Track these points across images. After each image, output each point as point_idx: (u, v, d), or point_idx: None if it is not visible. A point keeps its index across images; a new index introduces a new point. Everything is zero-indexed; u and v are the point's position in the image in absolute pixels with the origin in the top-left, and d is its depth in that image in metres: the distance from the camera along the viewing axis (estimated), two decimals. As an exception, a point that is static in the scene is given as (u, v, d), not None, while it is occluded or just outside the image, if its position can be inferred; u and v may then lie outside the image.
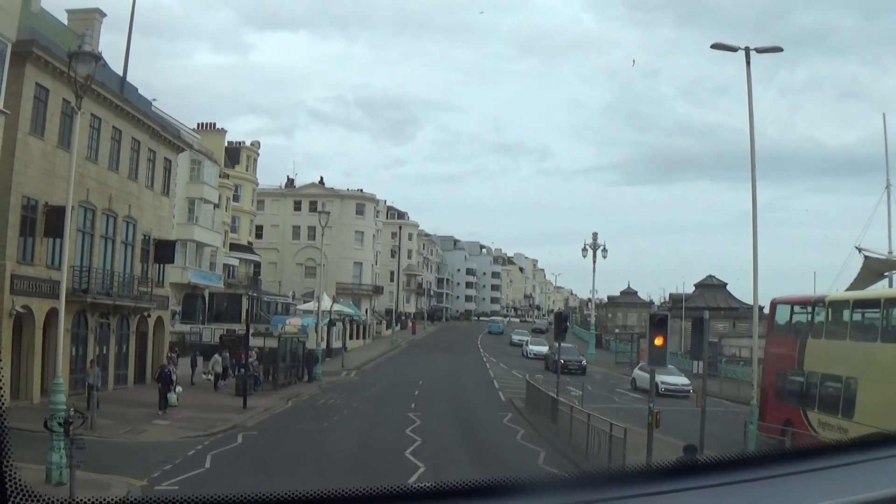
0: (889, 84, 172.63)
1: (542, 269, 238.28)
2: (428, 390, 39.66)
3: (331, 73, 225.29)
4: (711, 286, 70.92)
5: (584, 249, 66.96)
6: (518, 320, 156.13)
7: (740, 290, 76.40)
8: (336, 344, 60.61)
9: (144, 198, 39.18)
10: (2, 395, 2.16)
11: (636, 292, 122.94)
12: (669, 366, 35.46)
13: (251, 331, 39.40)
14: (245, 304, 67.16)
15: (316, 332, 48.86)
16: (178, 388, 32.16)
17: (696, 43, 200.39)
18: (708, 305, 69.04)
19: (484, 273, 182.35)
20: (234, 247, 73.19)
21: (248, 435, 25.94)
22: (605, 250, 66.96)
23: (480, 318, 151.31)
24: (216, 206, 65.19)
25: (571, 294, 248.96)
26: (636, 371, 44.68)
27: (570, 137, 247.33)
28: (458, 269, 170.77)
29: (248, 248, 77.53)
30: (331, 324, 57.76)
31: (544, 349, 61.53)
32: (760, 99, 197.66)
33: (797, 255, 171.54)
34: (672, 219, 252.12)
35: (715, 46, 26.67)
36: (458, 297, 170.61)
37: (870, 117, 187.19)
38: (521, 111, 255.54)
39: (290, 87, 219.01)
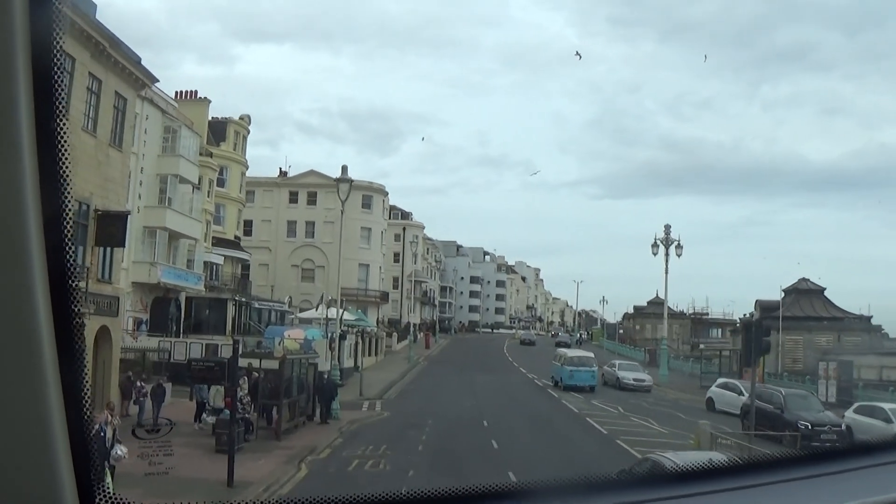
0: (872, 100, 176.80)
1: (542, 280, 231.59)
2: (505, 437, 26.21)
3: (316, 85, 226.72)
4: (807, 291, 57.43)
5: (655, 245, 53.91)
6: (518, 333, 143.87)
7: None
8: (346, 363, 47.00)
9: (81, 146, 25.66)
10: (88, 408, 2.02)
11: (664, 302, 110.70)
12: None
13: (240, 348, 26.12)
14: (231, 311, 53.93)
15: (330, 348, 35.51)
16: (119, 451, 18.55)
17: (678, 58, 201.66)
18: (806, 315, 56.20)
19: (488, 282, 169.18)
20: (218, 241, 59.68)
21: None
22: (679, 246, 53.91)
23: (494, 331, 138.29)
24: (196, 187, 51.80)
25: (567, 306, 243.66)
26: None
27: (555, 151, 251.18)
28: (462, 277, 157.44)
29: (235, 244, 63.93)
30: (341, 337, 44.21)
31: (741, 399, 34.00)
32: (743, 114, 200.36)
33: (781, 267, 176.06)
34: (656, 232, 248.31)
35: None
36: (461, 306, 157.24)
37: (854, 133, 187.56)
38: (505, 125, 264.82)
39: (275, 98, 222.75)
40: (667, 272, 53.71)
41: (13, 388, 1.87)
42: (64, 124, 1.91)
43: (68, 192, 1.94)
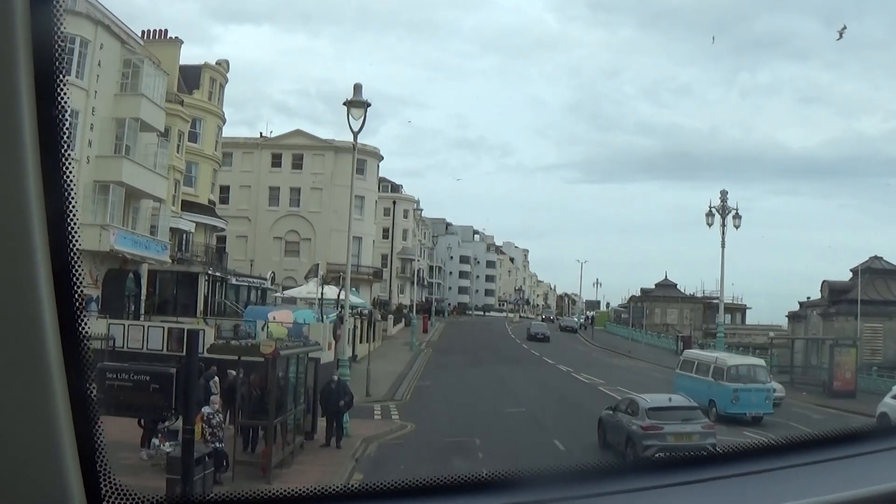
0: (850, 89, 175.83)
1: (529, 262, 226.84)
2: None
3: (294, 66, 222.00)
4: (881, 271, 49.09)
5: (710, 214, 45.38)
6: (514, 315, 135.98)
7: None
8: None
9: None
10: (94, 405, 2.03)
11: (675, 284, 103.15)
12: None
13: (206, 339, 17.34)
14: (203, 287, 45.03)
15: (335, 336, 26.73)
16: None
17: (657, 44, 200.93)
18: (884, 299, 48.02)
19: (478, 262, 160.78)
20: (189, 205, 50.48)
21: None
22: (737, 216, 45.47)
23: (486, 313, 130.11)
24: (162, 135, 42.59)
25: (551, 288, 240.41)
26: None
27: (532, 135, 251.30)
28: (451, 257, 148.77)
29: (209, 209, 54.71)
30: (341, 321, 35.37)
31: None
32: (722, 101, 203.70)
33: (759, 255, 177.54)
34: (632, 217, 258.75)
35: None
36: (450, 287, 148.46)
37: (831, 121, 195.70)
38: (483, 108, 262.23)
39: (253, 79, 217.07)
40: (723, 245, 45.17)
41: (20, 385, 1.86)
42: (65, 128, 1.89)
43: (71, 191, 1.95)
